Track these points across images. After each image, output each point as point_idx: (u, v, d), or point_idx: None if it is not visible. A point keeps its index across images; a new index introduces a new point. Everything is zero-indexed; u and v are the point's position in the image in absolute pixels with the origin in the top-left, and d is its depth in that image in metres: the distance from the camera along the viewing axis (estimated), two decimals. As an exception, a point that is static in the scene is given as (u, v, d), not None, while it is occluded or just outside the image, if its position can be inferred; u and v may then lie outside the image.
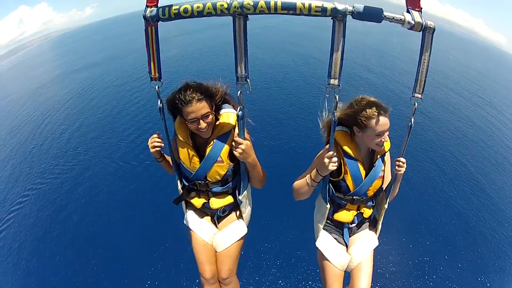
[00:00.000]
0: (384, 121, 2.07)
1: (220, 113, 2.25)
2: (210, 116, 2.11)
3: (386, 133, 2.13)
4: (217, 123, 2.21)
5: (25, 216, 9.70)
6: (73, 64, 32.92)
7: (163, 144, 2.25)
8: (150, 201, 9.19)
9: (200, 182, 2.33)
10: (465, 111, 17.70)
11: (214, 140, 2.21)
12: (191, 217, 2.49)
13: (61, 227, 9.04)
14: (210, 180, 2.31)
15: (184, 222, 2.51)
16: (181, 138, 2.24)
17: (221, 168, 2.25)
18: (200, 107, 2.04)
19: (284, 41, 30.48)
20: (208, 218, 2.51)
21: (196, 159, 2.25)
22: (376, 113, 2.05)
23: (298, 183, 2.34)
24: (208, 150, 2.22)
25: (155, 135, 2.23)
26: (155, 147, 2.23)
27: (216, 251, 2.38)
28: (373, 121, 2.06)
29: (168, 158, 2.41)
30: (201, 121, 2.06)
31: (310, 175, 2.21)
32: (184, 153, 2.27)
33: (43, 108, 19.56)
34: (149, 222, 8.59)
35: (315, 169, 2.16)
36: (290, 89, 17.22)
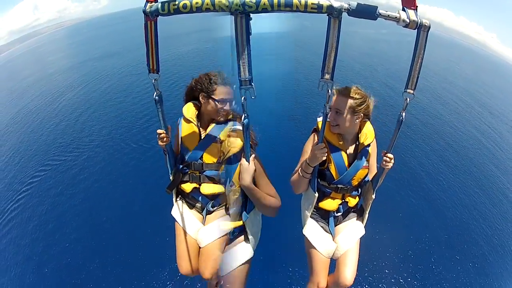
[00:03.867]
0: (337, 99, 2.23)
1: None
2: None
3: (339, 113, 2.24)
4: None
5: (41, 189, 10.10)
6: (88, 53, 33.23)
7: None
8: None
9: (195, 162, 2.36)
10: (460, 118, 17.49)
11: (215, 123, 2.35)
12: (178, 209, 2.49)
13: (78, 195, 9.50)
14: (205, 161, 2.34)
15: (171, 213, 2.51)
16: (187, 117, 2.36)
17: (217, 148, 2.31)
18: (230, 92, 2.28)
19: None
20: (196, 212, 2.49)
21: (197, 137, 2.34)
22: (336, 90, 2.24)
23: (294, 177, 2.40)
24: (208, 130, 2.33)
25: (161, 131, 2.28)
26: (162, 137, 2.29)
27: (200, 246, 2.36)
28: (333, 96, 2.23)
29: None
30: (228, 103, 2.29)
31: (302, 168, 2.27)
32: (187, 130, 2.35)
33: (59, 91, 19.97)
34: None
35: (305, 160, 2.23)
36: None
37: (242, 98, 1.81)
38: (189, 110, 2.40)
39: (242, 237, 2.45)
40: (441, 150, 12.46)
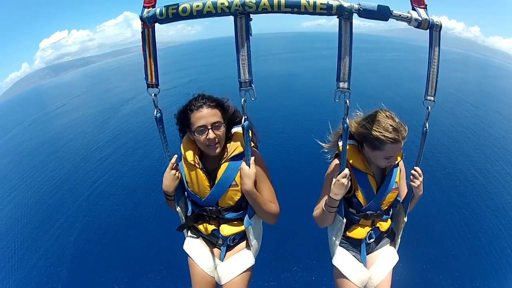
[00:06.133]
0: (398, 147, 1.92)
1: (232, 131, 2.08)
2: (222, 128, 1.92)
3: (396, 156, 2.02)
4: (228, 143, 2.02)
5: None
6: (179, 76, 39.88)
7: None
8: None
9: (210, 208, 2.10)
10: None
11: (228, 162, 1.99)
12: (192, 243, 2.24)
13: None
14: (222, 206, 2.07)
15: (184, 248, 2.25)
16: (189, 159, 2.01)
17: (235, 192, 2.02)
18: (211, 113, 1.88)
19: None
20: (212, 246, 2.25)
21: (206, 184, 2.01)
22: (392, 140, 1.89)
23: (317, 213, 2.16)
24: (220, 173, 1.99)
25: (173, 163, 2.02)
26: (176, 177, 2.03)
27: (219, 284, 2.15)
28: (387, 145, 1.90)
29: None
30: (210, 130, 1.87)
31: (326, 203, 2.03)
32: (192, 177, 2.02)
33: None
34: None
35: (328, 195, 1.98)
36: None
37: (242, 100, 1.70)
38: (189, 149, 2.04)
39: (244, 243, 2.24)
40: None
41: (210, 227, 2.17)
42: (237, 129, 2.07)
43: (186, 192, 2.18)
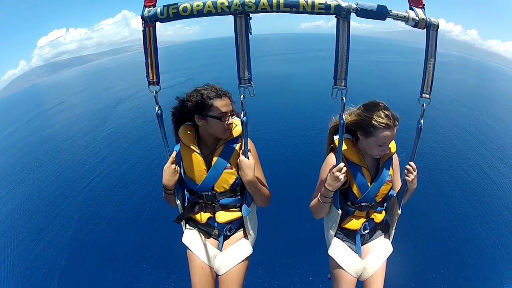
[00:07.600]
0: (390, 133, 1.99)
1: None
2: (233, 116, 2.16)
3: (389, 144, 2.08)
4: None
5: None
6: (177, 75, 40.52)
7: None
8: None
9: (206, 193, 2.16)
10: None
11: (222, 146, 2.11)
12: (190, 235, 2.27)
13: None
14: (217, 190, 2.14)
15: (183, 240, 2.28)
16: (187, 145, 2.11)
17: (230, 175, 2.10)
18: (229, 102, 2.07)
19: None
20: (211, 238, 2.29)
21: (203, 167, 2.10)
22: (384, 125, 1.96)
23: (313, 203, 2.22)
24: (215, 157, 2.10)
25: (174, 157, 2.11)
26: (176, 171, 2.10)
27: (217, 274, 2.18)
28: (379, 131, 1.97)
29: None
30: (230, 117, 2.07)
31: (321, 193, 2.08)
32: (190, 161, 2.11)
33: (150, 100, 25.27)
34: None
35: (324, 186, 2.04)
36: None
37: (241, 96, 1.76)
38: (187, 135, 2.14)
39: (241, 233, 2.30)
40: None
41: (206, 215, 2.21)
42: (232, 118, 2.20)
43: (183, 184, 2.24)
